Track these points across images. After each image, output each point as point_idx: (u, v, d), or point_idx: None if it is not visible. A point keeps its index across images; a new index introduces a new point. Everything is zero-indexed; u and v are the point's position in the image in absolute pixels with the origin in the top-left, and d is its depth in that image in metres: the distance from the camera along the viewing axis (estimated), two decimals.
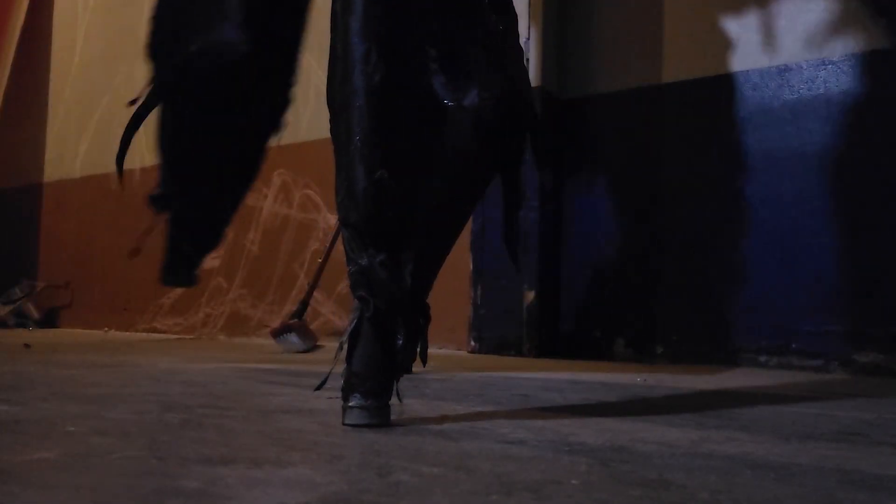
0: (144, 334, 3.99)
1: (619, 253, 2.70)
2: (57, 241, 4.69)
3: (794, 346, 2.33)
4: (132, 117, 1.50)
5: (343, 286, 3.31)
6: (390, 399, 1.11)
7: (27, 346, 2.71)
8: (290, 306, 3.45)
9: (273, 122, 1.56)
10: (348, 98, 1.14)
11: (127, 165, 1.58)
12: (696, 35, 2.60)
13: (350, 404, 1.07)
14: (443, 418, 1.17)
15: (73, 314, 4.52)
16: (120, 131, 1.52)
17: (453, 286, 2.99)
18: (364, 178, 1.12)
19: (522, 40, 2.77)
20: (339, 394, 1.09)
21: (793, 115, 2.39)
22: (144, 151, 4.15)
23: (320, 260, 3.06)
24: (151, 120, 1.51)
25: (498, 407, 1.32)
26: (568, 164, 2.83)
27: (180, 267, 1.64)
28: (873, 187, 2.26)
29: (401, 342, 1.15)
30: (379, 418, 1.07)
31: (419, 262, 1.15)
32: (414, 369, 1.97)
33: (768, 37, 2.46)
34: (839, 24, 2.35)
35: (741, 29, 2.52)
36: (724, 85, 2.52)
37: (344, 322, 3.26)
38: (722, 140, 2.52)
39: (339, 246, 3.66)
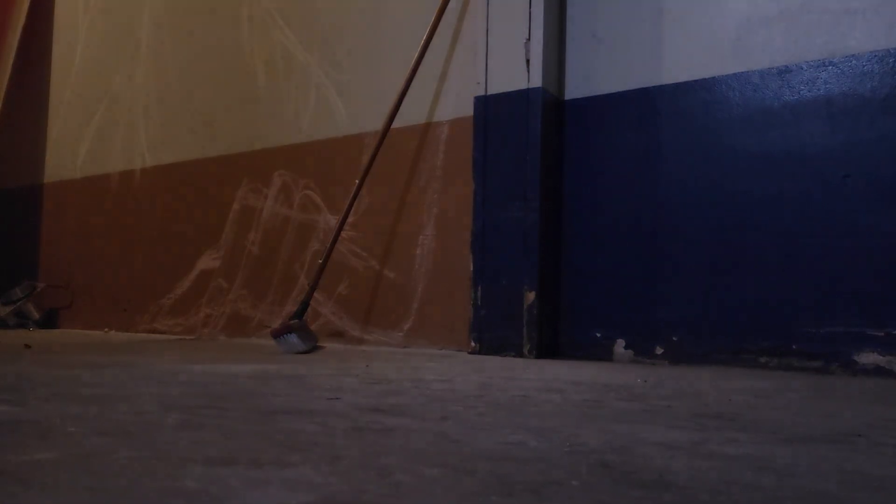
0: (144, 334, 3.99)
1: (619, 253, 2.70)
2: (57, 241, 4.69)
3: (794, 346, 2.33)
4: None
5: (343, 286, 3.31)
6: None
7: (27, 346, 2.71)
8: (290, 307, 3.45)
9: None
10: None
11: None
12: (696, 35, 2.60)
13: None
14: (443, 418, 1.17)
15: (73, 314, 4.53)
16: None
17: (453, 286, 3.00)
18: None
19: (522, 40, 2.77)
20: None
21: (793, 117, 2.40)
22: (145, 151, 4.15)
23: (320, 261, 3.06)
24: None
25: (498, 407, 1.32)
26: (568, 164, 2.83)
27: None
28: (873, 188, 2.26)
29: None
30: None
31: None
32: (411, 368, 1.97)
33: (769, 37, 2.47)
34: (839, 24, 2.35)
35: (741, 29, 2.52)
36: (724, 86, 2.53)
37: (343, 322, 3.26)
38: (721, 141, 2.52)
39: (339, 246, 3.66)
